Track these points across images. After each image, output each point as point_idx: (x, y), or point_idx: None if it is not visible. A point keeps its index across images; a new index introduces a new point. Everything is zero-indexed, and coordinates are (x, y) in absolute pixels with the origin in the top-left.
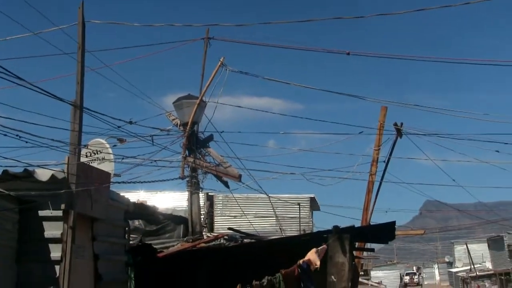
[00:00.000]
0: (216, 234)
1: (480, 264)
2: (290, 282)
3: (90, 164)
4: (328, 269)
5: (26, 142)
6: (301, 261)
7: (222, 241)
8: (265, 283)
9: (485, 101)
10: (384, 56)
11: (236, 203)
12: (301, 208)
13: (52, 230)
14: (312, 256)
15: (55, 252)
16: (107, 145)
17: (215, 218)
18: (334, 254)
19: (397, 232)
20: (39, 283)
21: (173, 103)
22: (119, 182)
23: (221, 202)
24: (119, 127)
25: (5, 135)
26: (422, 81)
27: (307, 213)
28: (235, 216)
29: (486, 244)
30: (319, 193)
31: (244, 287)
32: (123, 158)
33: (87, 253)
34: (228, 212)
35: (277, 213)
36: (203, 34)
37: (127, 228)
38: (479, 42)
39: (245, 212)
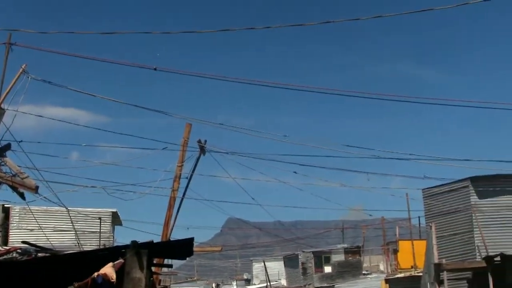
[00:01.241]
0: (8, 247)
1: (276, 281)
2: None
3: None
4: (125, 284)
5: None
6: (96, 274)
7: (14, 254)
8: None
9: (285, 123)
10: (189, 74)
11: (33, 216)
12: (102, 223)
13: None
14: (108, 269)
15: None
16: None
17: (11, 231)
18: (131, 269)
19: (195, 249)
20: None
21: None
22: None
23: (18, 215)
24: None
25: None
26: (230, 100)
27: (109, 227)
28: (32, 229)
29: (282, 262)
30: (121, 208)
31: None
32: None
33: None
34: (25, 225)
35: (77, 227)
36: (5, 39)
37: None
38: (300, 65)
39: (42, 226)
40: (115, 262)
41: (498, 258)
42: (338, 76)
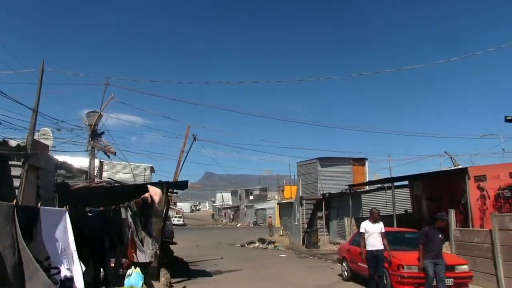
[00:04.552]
0: (101, 180)
1: (226, 202)
2: (137, 206)
3: (38, 139)
4: (156, 200)
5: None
6: (142, 196)
7: (104, 184)
8: (125, 205)
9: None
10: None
11: (113, 166)
12: (146, 170)
13: (15, 172)
14: (147, 195)
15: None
16: (49, 131)
17: (104, 172)
18: (159, 192)
19: (189, 185)
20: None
21: (86, 114)
22: (53, 150)
23: (107, 165)
24: (56, 123)
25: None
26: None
27: (149, 173)
28: (113, 173)
29: (230, 194)
30: (156, 164)
31: (116, 208)
32: (56, 139)
33: (34, 183)
34: (111, 170)
35: (134, 172)
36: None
37: (56, 173)
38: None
39: (118, 171)
40: (150, 191)
41: (327, 194)
42: None
